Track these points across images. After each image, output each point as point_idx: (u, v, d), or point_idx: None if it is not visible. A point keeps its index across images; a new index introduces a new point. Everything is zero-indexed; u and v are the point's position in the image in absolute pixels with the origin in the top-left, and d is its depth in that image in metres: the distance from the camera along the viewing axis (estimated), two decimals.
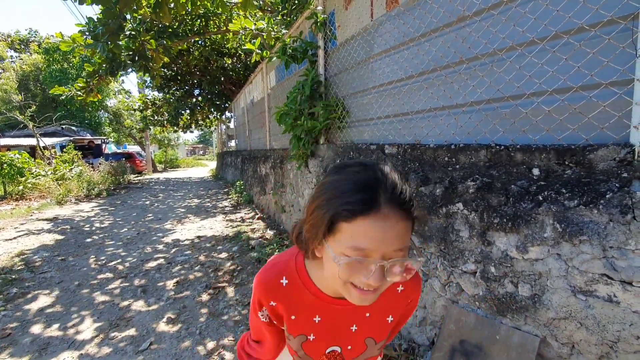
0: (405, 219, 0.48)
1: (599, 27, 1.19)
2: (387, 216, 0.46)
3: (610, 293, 1.07)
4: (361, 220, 0.45)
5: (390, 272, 0.48)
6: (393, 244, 0.46)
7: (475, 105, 1.64)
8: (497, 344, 1.34)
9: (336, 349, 0.67)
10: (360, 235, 0.46)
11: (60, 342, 2.12)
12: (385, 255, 0.47)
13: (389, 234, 0.46)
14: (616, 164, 1.14)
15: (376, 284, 0.47)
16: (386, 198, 0.46)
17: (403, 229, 0.47)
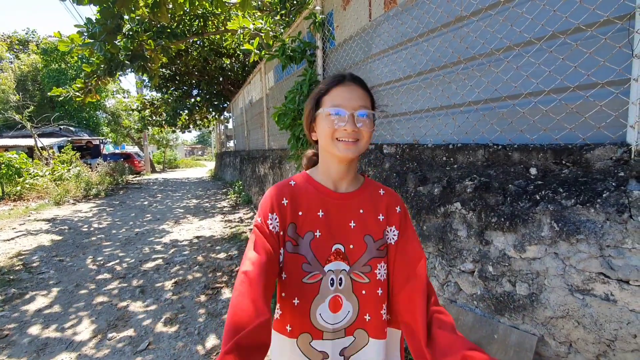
0: (363, 89, 0.73)
1: (596, 27, 1.20)
2: (350, 85, 0.72)
3: (607, 292, 1.07)
4: (334, 89, 0.72)
5: (358, 120, 0.69)
6: (357, 101, 0.70)
7: (473, 105, 1.64)
8: (495, 343, 1.34)
9: (340, 247, 0.73)
10: (335, 97, 0.71)
11: (58, 343, 2.11)
12: (354, 108, 0.69)
13: (353, 94, 0.70)
14: (613, 163, 1.14)
15: (351, 128, 0.68)
16: (348, 77, 0.73)
17: (362, 94, 0.72)
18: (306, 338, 0.72)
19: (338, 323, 0.73)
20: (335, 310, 0.72)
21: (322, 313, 0.72)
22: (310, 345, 0.72)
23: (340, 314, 0.73)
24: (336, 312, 0.72)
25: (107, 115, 19.85)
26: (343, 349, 0.73)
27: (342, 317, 0.73)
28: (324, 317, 0.72)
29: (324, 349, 0.72)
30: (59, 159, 9.92)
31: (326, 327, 0.72)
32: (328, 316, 0.72)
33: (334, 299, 0.72)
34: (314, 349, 0.72)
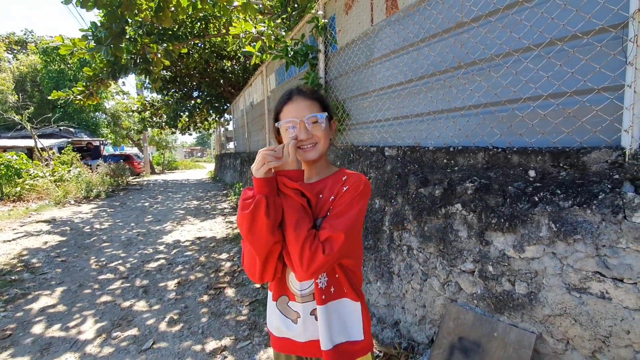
0: (308, 99, 0.87)
1: (591, 34, 1.25)
2: (297, 99, 0.87)
3: (602, 290, 1.11)
4: (286, 107, 0.88)
5: (309, 124, 0.84)
6: (304, 111, 0.85)
7: (473, 109, 1.69)
8: (494, 341, 1.38)
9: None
10: (287, 113, 0.87)
11: (62, 342, 2.13)
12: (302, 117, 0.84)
13: (300, 106, 0.86)
14: (608, 166, 1.19)
15: (305, 135, 0.84)
16: (295, 92, 0.89)
17: (309, 104, 0.86)
18: (284, 300, 0.90)
19: (304, 290, 0.86)
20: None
21: (291, 280, 0.88)
22: (287, 305, 0.89)
23: (305, 282, 0.86)
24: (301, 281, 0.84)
25: (106, 116, 19.85)
26: (313, 309, 0.86)
27: (307, 285, 0.86)
28: (292, 283, 0.88)
29: (297, 309, 0.88)
30: (60, 160, 9.92)
31: (296, 292, 0.87)
32: (295, 283, 0.87)
33: None
34: (290, 309, 0.89)
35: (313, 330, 0.86)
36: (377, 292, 2.13)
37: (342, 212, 0.80)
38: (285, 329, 0.89)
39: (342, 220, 0.78)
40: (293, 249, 0.74)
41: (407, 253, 1.89)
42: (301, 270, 0.74)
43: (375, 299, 2.14)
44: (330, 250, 0.74)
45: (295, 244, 0.74)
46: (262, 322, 2.29)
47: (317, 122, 0.85)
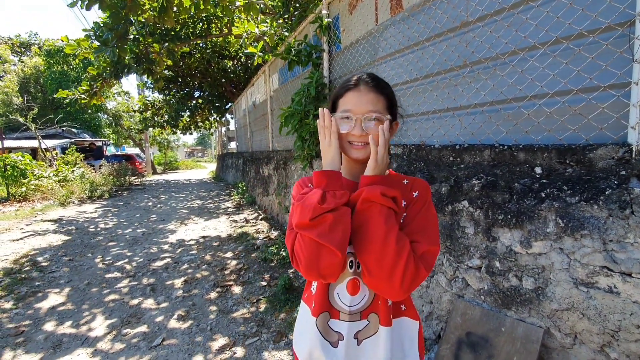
0: (375, 92, 0.75)
1: (598, 33, 1.26)
2: (362, 89, 0.75)
3: (610, 284, 1.13)
4: (347, 94, 0.76)
5: (366, 124, 0.73)
6: (366, 106, 0.73)
7: (479, 107, 1.71)
8: (502, 336, 1.40)
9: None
10: (347, 102, 0.75)
11: (73, 339, 2.16)
12: (362, 113, 0.73)
13: (363, 99, 0.74)
14: (615, 162, 1.20)
15: (359, 132, 0.73)
16: (362, 81, 0.76)
17: (373, 98, 0.74)
18: (325, 317, 0.77)
19: (355, 305, 0.75)
20: (353, 292, 0.75)
21: (339, 293, 0.76)
22: (327, 324, 0.76)
23: (358, 297, 0.75)
24: (354, 295, 0.75)
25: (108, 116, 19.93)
26: (357, 332, 0.75)
27: (359, 300, 0.76)
28: (341, 297, 0.76)
29: (340, 329, 0.76)
30: (63, 160, 9.98)
31: (343, 307, 0.76)
32: (345, 297, 0.76)
33: (352, 282, 0.76)
34: (330, 329, 0.76)
35: (353, 357, 0.75)
36: None
37: (426, 221, 0.73)
38: (321, 353, 0.75)
39: (431, 231, 0.72)
40: (389, 264, 0.63)
41: None
42: (400, 289, 0.63)
43: None
44: (429, 266, 0.67)
45: (395, 258, 0.62)
46: (270, 319, 2.32)
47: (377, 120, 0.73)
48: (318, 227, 0.64)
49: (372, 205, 0.67)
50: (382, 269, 0.64)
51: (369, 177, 0.70)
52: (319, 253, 0.65)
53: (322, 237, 0.64)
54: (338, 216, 0.65)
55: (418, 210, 0.74)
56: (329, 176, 0.70)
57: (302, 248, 0.66)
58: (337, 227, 0.65)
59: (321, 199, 0.65)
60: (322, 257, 0.65)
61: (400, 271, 0.62)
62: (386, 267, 0.63)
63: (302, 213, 0.66)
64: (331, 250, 0.64)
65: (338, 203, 0.66)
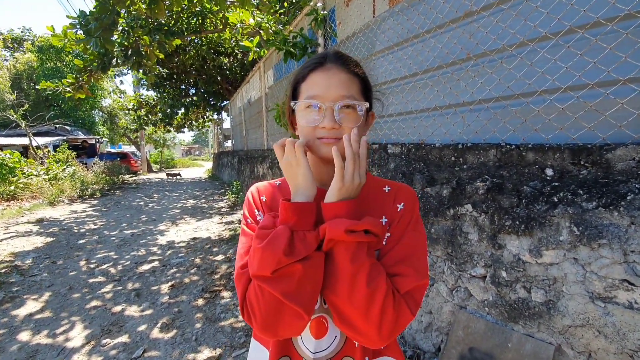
0: (347, 72, 0.59)
1: (616, 21, 1.14)
2: (330, 68, 0.58)
3: (631, 300, 1.01)
4: (311, 76, 0.59)
5: (339, 114, 0.57)
6: (337, 89, 0.57)
7: (484, 103, 1.59)
8: (508, 352, 1.28)
9: None
10: (312, 86, 0.58)
11: (49, 350, 2.02)
12: (333, 100, 0.56)
13: (333, 80, 0.57)
14: (636, 163, 1.09)
15: (329, 124, 0.56)
16: (330, 58, 0.60)
17: (346, 79, 0.58)
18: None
19: (321, 352, 0.59)
20: (318, 335, 0.59)
21: (302, 336, 0.60)
22: None
23: (325, 340, 0.60)
24: (319, 338, 0.59)
25: (103, 114, 19.64)
26: None
27: (327, 344, 0.60)
28: (304, 341, 0.60)
29: None
30: (54, 158, 9.76)
31: (306, 354, 0.60)
32: (309, 342, 0.60)
33: (317, 321, 0.59)
34: None
35: None
36: None
37: (414, 245, 0.58)
38: None
39: (420, 257, 0.57)
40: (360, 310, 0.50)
41: None
42: (377, 337, 0.50)
43: None
44: (416, 305, 0.53)
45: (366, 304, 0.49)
46: None
47: (352, 108, 0.57)
48: (282, 282, 0.49)
49: (336, 244, 0.52)
50: (353, 314, 0.50)
51: (331, 205, 0.53)
52: (280, 313, 0.50)
53: (287, 296, 0.49)
54: (309, 268, 0.50)
55: (404, 229, 0.59)
56: (301, 211, 0.52)
57: (258, 302, 0.51)
58: (306, 283, 0.50)
59: (288, 247, 0.49)
60: (283, 319, 0.50)
61: (375, 316, 0.49)
62: (357, 313, 0.50)
63: (262, 261, 0.49)
64: (297, 312, 0.49)
65: (310, 250, 0.50)
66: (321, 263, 0.52)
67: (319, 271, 0.52)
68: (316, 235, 0.52)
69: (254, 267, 0.51)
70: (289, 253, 0.48)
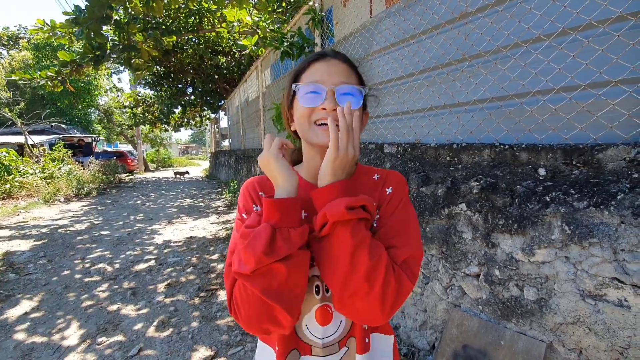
0: (348, 64, 0.63)
1: (608, 23, 1.16)
2: (331, 60, 0.62)
3: (621, 297, 1.03)
4: (314, 65, 0.62)
5: (340, 98, 0.58)
6: (338, 76, 0.60)
7: (479, 104, 1.60)
8: (501, 350, 1.30)
9: None
10: (313, 72, 0.61)
11: (45, 348, 2.01)
12: (334, 84, 0.59)
13: (333, 69, 0.60)
14: (626, 164, 1.10)
15: (330, 106, 0.57)
16: (330, 53, 0.64)
17: (345, 69, 0.62)
18: (294, 356, 0.61)
19: (329, 337, 0.62)
20: (324, 322, 0.61)
21: (308, 325, 0.62)
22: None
23: (332, 326, 0.62)
24: (325, 325, 0.61)
25: (99, 112, 19.51)
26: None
27: (334, 329, 0.62)
28: (311, 330, 0.62)
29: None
30: (50, 157, 9.69)
31: (315, 342, 0.62)
32: (316, 329, 0.61)
33: (322, 310, 0.61)
34: None
35: None
36: None
37: (405, 221, 0.59)
38: None
39: (412, 232, 0.58)
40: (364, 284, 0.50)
41: None
42: (382, 311, 0.50)
43: None
44: (414, 274, 0.54)
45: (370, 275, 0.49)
46: None
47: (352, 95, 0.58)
48: (263, 280, 0.48)
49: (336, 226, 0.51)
50: (356, 292, 0.50)
51: (327, 187, 0.53)
52: (262, 312, 0.50)
53: (269, 296, 0.48)
54: (291, 266, 0.49)
55: (393, 210, 0.60)
56: (283, 208, 0.51)
57: (242, 299, 0.51)
58: (289, 283, 0.50)
59: (268, 246, 0.48)
60: (266, 318, 0.50)
61: (378, 289, 0.49)
62: (361, 289, 0.50)
63: (242, 258, 0.49)
64: (280, 311, 0.49)
65: (293, 248, 0.49)
66: (306, 261, 0.52)
67: (304, 270, 0.52)
68: (302, 231, 0.52)
69: (235, 265, 0.51)
70: (269, 252, 0.48)
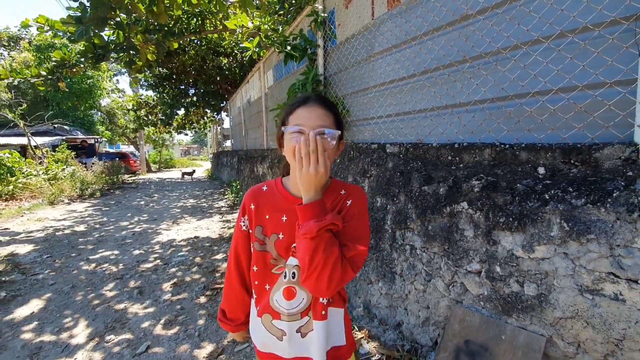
0: (325, 109, 0.81)
1: (603, 27, 1.20)
2: (312, 106, 0.80)
3: (616, 291, 1.07)
4: (298, 110, 0.81)
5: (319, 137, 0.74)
6: (316, 121, 0.78)
7: (479, 104, 1.64)
8: (502, 344, 1.33)
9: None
10: (298, 117, 0.80)
11: (53, 347, 2.06)
12: (312, 127, 0.77)
13: (313, 114, 0.79)
14: (621, 162, 1.14)
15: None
16: (312, 99, 0.82)
17: (322, 114, 0.80)
18: (268, 317, 0.89)
19: (293, 308, 0.86)
20: (289, 298, 0.86)
21: (277, 299, 0.87)
22: (271, 323, 0.88)
23: (295, 301, 0.86)
24: (290, 300, 0.86)
25: (102, 114, 19.58)
26: (299, 327, 0.87)
27: (297, 303, 0.86)
28: (279, 302, 0.86)
29: (282, 327, 0.87)
30: (54, 158, 9.76)
31: (282, 310, 0.86)
32: (282, 302, 0.86)
33: (288, 289, 0.86)
34: (274, 326, 0.88)
35: (300, 347, 0.88)
36: (378, 292, 2.08)
37: (357, 226, 0.81)
38: (270, 344, 0.90)
39: (361, 235, 0.80)
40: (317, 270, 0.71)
41: (410, 253, 1.84)
42: (327, 289, 0.72)
43: (377, 300, 2.09)
44: (357, 266, 0.75)
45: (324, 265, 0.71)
46: None
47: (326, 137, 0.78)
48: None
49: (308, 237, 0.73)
50: (312, 275, 0.72)
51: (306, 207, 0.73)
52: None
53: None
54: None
55: (350, 218, 0.81)
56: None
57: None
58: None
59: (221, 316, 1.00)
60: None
61: (327, 274, 0.70)
62: (314, 272, 0.71)
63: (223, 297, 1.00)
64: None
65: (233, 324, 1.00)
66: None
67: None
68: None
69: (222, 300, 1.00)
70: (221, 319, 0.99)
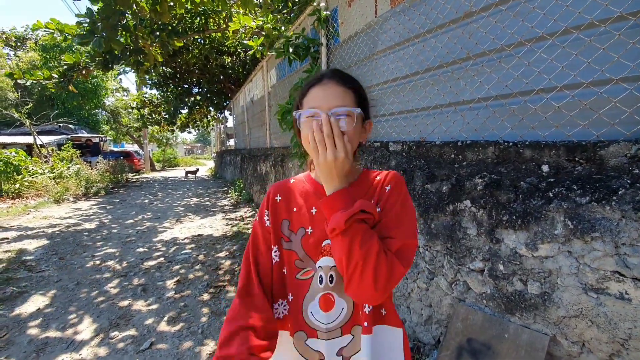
0: (342, 86, 0.68)
1: (609, 22, 1.18)
2: (327, 84, 0.68)
3: (622, 290, 1.05)
4: (312, 90, 0.69)
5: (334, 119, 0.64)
6: (333, 101, 0.66)
7: (483, 102, 1.63)
8: (505, 343, 1.33)
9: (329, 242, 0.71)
10: (312, 99, 0.68)
11: (58, 343, 2.08)
12: (329, 108, 0.65)
13: (328, 93, 0.66)
14: (627, 160, 1.13)
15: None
16: (327, 75, 0.70)
17: (340, 92, 0.67)
18: (301, 336, 0.70)
19: (332, 322, 0.69)
20: (326, 309, 0.69)
21: (312, 311, 0.70)
22: (305, 344, 0.70)
23: (333, 312, 0.69)
24: (328, 311, 0.69)
25: (106, 113, 19.74)
26: (341, 348, 0.69)
27: (336, 315, 0.69)
28: (315, 316, 0.70)
29: (319, 348, 0.69)
30: (59, 157, 9.86)
31: (319, 326, 0.69)
32: (320, 315, 0.69)
33: (325, 297, 0.70)
34: (309, 348, 0.70)
35: None
36: None
37: (401, 215, 0.67)
38: None
39: (407, 224, 0.66)
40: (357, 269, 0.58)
41: None
42: (374, 291, 0.58)
43: None
44: (407, 261, 0.62)
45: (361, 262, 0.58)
46: None
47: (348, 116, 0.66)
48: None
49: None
50: (353, 276, 0.59)
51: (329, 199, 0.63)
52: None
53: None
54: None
55: (392, 205, 0.68)
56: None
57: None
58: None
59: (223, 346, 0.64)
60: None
61: (370, 272, 0.57)
62: (355, 272, 0.59)
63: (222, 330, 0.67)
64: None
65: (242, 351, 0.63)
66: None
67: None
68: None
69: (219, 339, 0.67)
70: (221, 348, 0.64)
